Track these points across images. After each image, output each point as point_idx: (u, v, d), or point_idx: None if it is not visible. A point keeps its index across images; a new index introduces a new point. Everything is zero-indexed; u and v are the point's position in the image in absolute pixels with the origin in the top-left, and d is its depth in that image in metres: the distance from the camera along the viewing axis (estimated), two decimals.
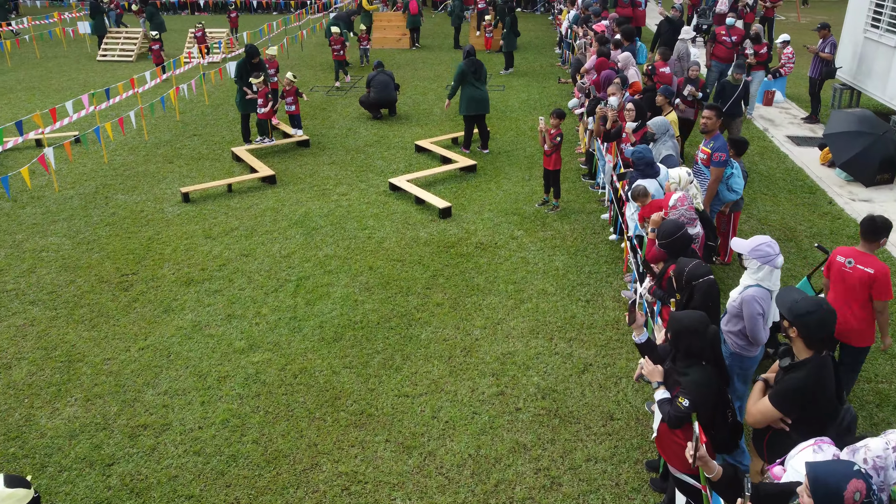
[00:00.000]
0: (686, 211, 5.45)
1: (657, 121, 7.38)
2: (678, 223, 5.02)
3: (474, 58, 11.37)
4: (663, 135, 7.40)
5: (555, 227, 9.10)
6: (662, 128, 7.37)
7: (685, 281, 4.25)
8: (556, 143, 9.08)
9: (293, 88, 12.17)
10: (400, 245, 8.64)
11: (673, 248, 5.05)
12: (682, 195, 5.49)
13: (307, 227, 9.13)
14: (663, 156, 7.30)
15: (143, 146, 12.47)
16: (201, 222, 9.35)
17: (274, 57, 12.87)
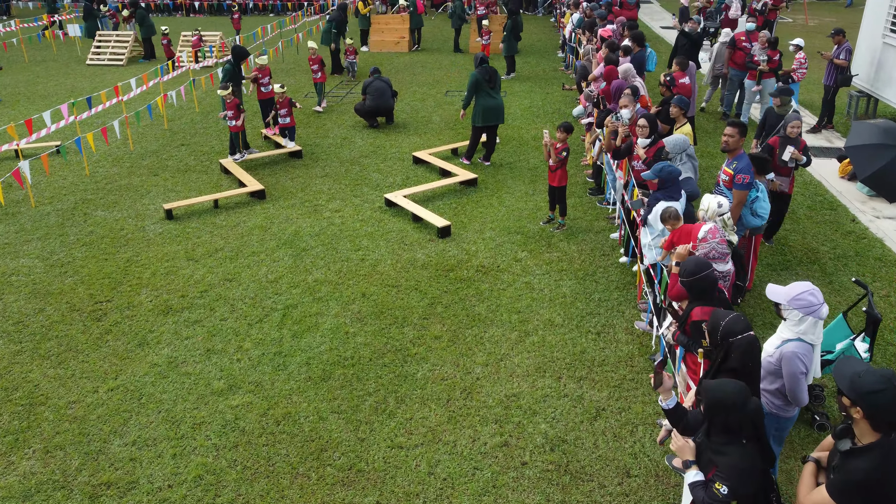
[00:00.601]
0: (717, 244, 4.87)
1: (674, 139, 6.81)
2: (703, 262, 4.45)
3: (488, 65, 10.84)
4: (680, 154, 6.82)
5: (561, 247, 8.52)
6: (679, 146, 6.79)
7: (720, 337, 3.68)
8: (562, 158, 8.50)
9: (286, 99, 11.61)
10: (395, 268, 8.07)
11: (696, 288, 4.48)
12: (713, 227, 4.90)
13: (296, 248, 8.55)
14: (682, 177, 6.71)
15: (128, 157, 11.90)
16: (184, 242, 8.77)
17: (265, 65, 12.32)
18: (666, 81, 8.83)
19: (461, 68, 18.17)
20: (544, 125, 13.21)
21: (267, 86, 12.18)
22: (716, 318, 3.74)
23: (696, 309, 4.48)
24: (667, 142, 6.80)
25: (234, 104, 10.99)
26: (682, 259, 5.11)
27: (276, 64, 18.89)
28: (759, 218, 6.66)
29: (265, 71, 12.19)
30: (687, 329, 4.60)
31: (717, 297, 4.50)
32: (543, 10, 28.17)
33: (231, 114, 11.03)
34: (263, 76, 12.15)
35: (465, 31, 21.55)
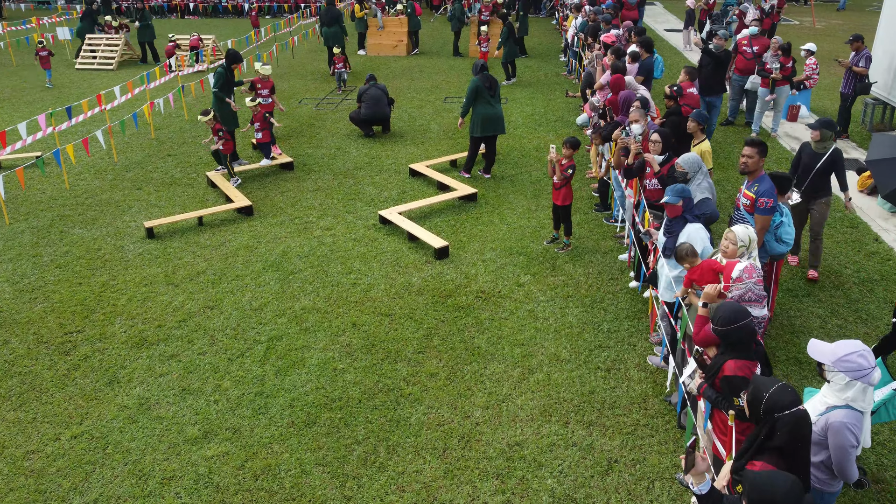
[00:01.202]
0: (754, 285, 4.32)
1: (689, 158, 6.26)
2: (741, 310, 3.91)
3: (488, 73, 10.30)
4: (696, 173, 6.28)
5: (566, 270, 7.98)
6: (695, 165, 6.25)
7: (764, 412, 3.14)
8: (568, 175, 7.96)
9: (260, 112, 10.85)
10: (389, 294, 7.52)
11: (732, 338, 3.94)
12: (749, 265, 4.35)
13: (284, 272, 8.01)
14: (698, 199, 6.17)
15: (112, 169, 11.35)
16: (164, 264, 8.23)
17: (268, 77, 11.58)
18: (672, 92, 8.29)
19: (460, 73, 17.64)
20: (547, 134, 12.68)
21: (267, 98, 11.47)
22: (758, 387, 3.20)
23: (730, 362, 3.94)
24: (683, 161, 6.26)
25: (215, 129, 10.34)
26: (711, 300, 4.57)
27: None
28: (784, 244, 6.11)
29: (267, 83, 11.46)
30: (717, 383, 4.06)
31: (753, 349, 3.97)
32: (546, 11, 27.62)
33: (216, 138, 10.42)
34: (263, 87, 11.47)
35: (465, 34, 21.00)
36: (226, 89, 10.85)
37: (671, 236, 5.86)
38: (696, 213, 5.68)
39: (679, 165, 6.24)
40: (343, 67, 16.02)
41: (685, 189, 5.60)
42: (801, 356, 6.35)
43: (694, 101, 8.46)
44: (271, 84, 11.56)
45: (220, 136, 10.38)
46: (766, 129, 12.81)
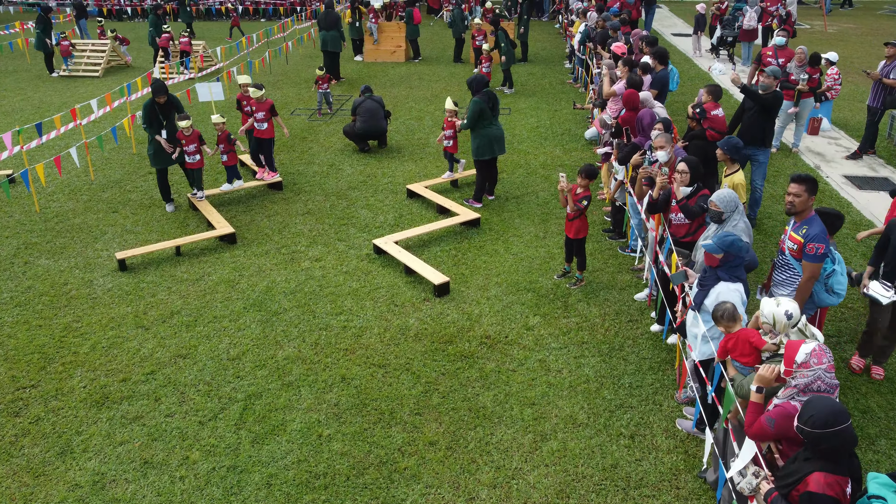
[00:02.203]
0: (825, 373, 3.53)
1: (725, 196, 5.47)
2: (841, 411, 3.14)
3: (490, 90, 9.50)
4: (732, 213, 5.50)
5: (579, 309, 7.20)
6: (732, 204, 5.47)
7: None
8: (582, 207, 7.19)
9: (225, 133, 9.65)
10: (383, 340, 6.74)
11: (824, 446, 3.16)
12: (818, 347, 3.55)
13: (267, 312, 7.22)
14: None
15: (87, 188, 10.57)
16: (135, 302, 7.44)
17: (262, 97, 10.17)
18: (695, 114, 7.51)
19: (461, 81, 16.85)
20: (554, 149, 11.90)
21: (262, 122, 10.15)
22: None
23: (818, 475, 3.15)
24: (718, 198, 5.47)
25: (195, 136, 9.34)
26: (766, 385, 3.79)
27: (262, 76, 17.58)
28: (835, 295, 5.34)
29: (263, 104, 10.11)
30: (794, 496, 3.27)
31: (847, 460, 3.19)
32: (548, 14, 26.85)
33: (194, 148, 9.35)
34: (259, 110, 10.10)
35: (466, 40, 20.21)
36: (155, 125, 9.27)
37: (702, 290, 5.09)
38: (735, 273, 4.89)
39: (714, 204, 5.46)
40: (327, 88, 14.38)
41: (735, 243, 4.81)
42: None
43: (719, 123, 7.68)
44: (269, 105, 10.13)
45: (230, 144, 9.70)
46: (786, 144, 12.04)
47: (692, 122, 7.60)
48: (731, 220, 5.53)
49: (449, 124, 10.22)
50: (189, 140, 9.27)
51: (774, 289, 5.63)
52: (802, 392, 3.58)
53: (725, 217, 5.53)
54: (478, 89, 9.37)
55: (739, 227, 5.53)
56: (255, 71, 17.70)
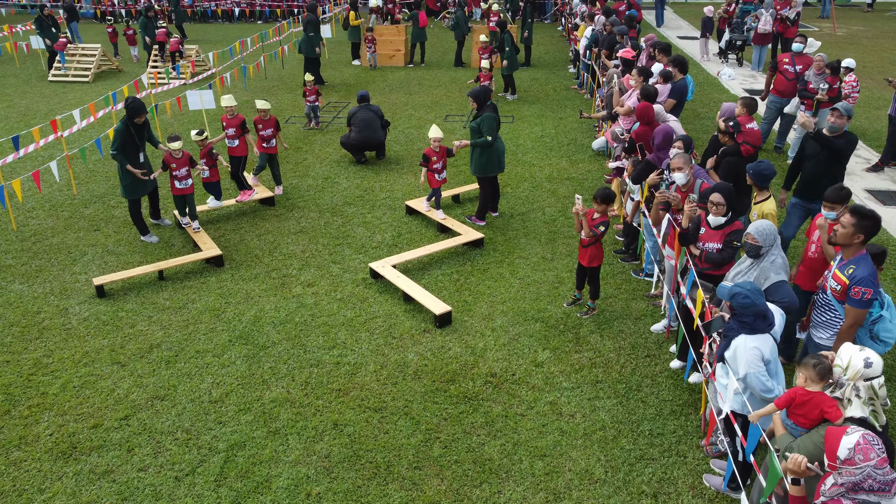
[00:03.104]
0: (875, 470, 2.97)
1: (764, 228, 4.92)
2: None
3: (493, 102, 8.96)
4: (770, 248, 4.95)
5: (592, 342, 6.65)
6: (771, 237, 4.92)
7: None
8: (598, 233, 6.64)
9: (207, 147, 8.86)
10: (379, 378, 6.19)
11: None
12: (861, 439, 2.96)
13: (254, 345, 6.67)
14: (772, 282, 4.86)
15: (69, 204, 10.02)
16: (112, 334, 6.89)
17: (268, 112, 9.65)
18: (729, 128, 6.96)
19: (463, 86, 16.30)
20: (560, 160, 11.36)
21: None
22: None
23: None
24: (756, 231, 4.92)
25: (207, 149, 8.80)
26: (800, 476, 3.26)
27: (257, 81, 17.03)
28: (881, 344, 4.80)
29: (269, 121, 9.65)
30: None
31: None
32: (550, 17, 26.30)
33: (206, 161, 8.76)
34: (265, 128, 9.64)
35: (468, 43, 19.65)
36: (129, 150, 8.26)
37: (725, 339, 4.55)
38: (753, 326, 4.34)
39: (751, 237, 4.91)
40: (316, 100, 13.14)
41: (744, 304, 4.27)
42: None
43: (754, 137, 7.13)
44: (240, 121, 9.39)
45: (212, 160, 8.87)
46: None
47: (724, 137, 7.04)
48: (769, 255, 4.99)
49: (439, 155, 8.82)
50: (180, 163, 8.41)
51: (813, 330, 5.09)
52: (852, 491, 3.02)
53: (764, 251, 4.99)
54: (485, 101, 8.78)
55: (777, 262, 4.99)
56: (250, 76, 17.16)
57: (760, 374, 4.27)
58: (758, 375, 4.27)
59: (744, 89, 15.78)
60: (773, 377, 4.40)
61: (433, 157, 8.77)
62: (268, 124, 9.70)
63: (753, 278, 4.99)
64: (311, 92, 13.02)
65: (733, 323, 4.43)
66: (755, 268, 5.03)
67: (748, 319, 4.28)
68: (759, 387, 4.29)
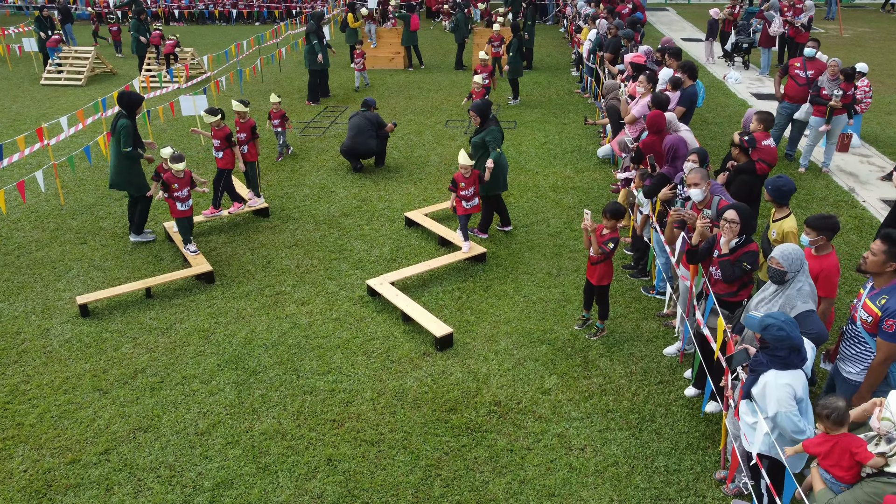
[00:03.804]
0: None
1: (790, 252, 4.56)
2: None
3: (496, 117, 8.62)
4: (797, 274, 4.59)
5: (602, 367, 6.30)
6: (797, 262, 4.57)
7: None
8: (608, 250, 6.28)
9: (187, 174, 7.95)
10: (377, 407, 5.83)
11: None
12: None
13: (244, 370, 6.32)
14: (799, 311, 4.50)
15: (56, 215, 9.66)
16: (95, 357, 6.54)
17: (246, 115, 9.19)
18: (744, 142, 6.60)
19: (464, 90, 15.95)
20: (564, 168, 11.00)
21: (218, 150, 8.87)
22: None
23: None
24: (782, 255, 4.56)
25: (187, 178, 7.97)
26: None
27: (253, 85, 16.68)
28: None
29: (246, 125, 9.11)
30: None
31: None
32: (552, 18, 25.94)
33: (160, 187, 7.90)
34: (240, 131, 9.17)
35: (469, 45, 19.29)
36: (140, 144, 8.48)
37: (753, 375, 4.19)
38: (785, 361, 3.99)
39: (776, 261, 4.55)
40: (281, 126, 11.09)
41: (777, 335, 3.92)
42: None
43: (770, 155, 6.77)
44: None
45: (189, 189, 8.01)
46: (815, 163, 11.13)
47: (737, 151, 6.68)
48: (795, 281, 4.63)
49: (469, 181, 7.98)
50: (182, 183, 7.89)
51: (841, 363, 4.73)
52: None
53: (789, 277, 4.63)
54: (488, 115, 8.38)
55: (804, 290, 4.63)
56: (246, 80, 16.80)
57: (792, 413, 3.92)
58: (789, 415, 3.92)
59: (750, 93, 15.43)
60: (804, 415, 4.06)
61: (461, 183, 7.94)
62: (243, 128, 9.16)
63: (778, 307, 4.63)
64: (275, 115, 11.01)
65: (762, 357, 4.07)
66: (780, 295, 4.68)
67: (782, 353, 3.93)
68: (791, 427, 3.94)
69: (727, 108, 14.23)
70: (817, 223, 5.17)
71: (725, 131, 12.70)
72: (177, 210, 8.00)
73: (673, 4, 30.16)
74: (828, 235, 5.19)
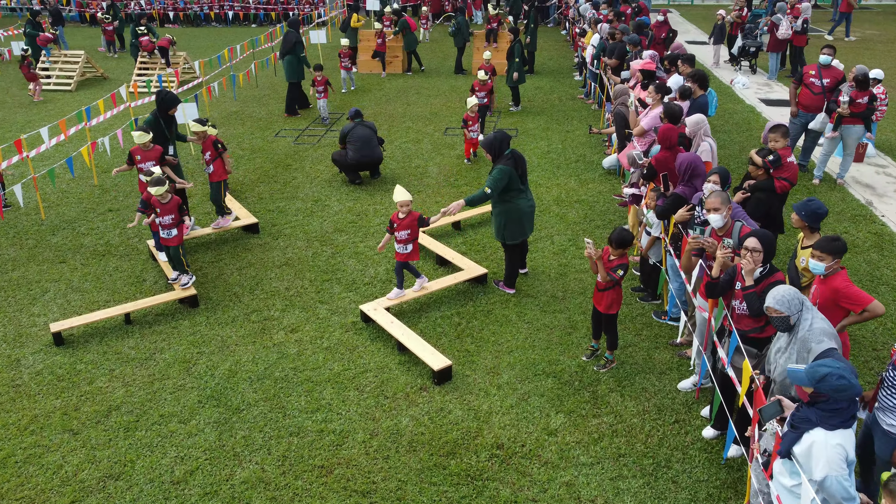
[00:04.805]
0: None
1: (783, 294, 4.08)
2: None
3: (515, 150, 7.14)
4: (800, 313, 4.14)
5: (612, 404, 5.84)
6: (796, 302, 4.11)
7: None
8: (617, 277, 5.83)
9: (174, 202, 7.18)
10: (369, 451, 5.38)
11: None
12: None
13: (226, 408, 5.86)
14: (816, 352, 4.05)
15: (36, 230, 9.20)
16: (67, 392, 6.08)
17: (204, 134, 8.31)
18: (767, 161, 6.14)
19: (464, 95, 15.47)
20: (568, 179, 10.54)
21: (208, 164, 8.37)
22: None
23: None
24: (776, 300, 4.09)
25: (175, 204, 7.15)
26: None
27: (247, 90, 16.22)
28: None
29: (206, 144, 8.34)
30: None
31: None
32: (554, 20, 25.47)
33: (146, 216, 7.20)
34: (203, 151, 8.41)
35: (469, 49, 18.83)
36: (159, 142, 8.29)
37: (794, 431, 3.73)
38: (836, 419, 3.53)
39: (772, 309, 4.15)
40: (212, 157, 8.45)
41: (830, 381, 3.46)
42: None
43: (793, 174, 6.31)
44: (211, 142, 8.34)
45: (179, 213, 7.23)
46: (830, 175, 10.68)
47: (755, 169, 6.22)
48: (802, 321, 4.19)
49: (404, 223, 6.76)
50: (165, 209, 7.10)
51: (880, 413, 4.28)
52: None
53: (794, 321, 4.19)
54: (502, 151, 7.05)
55: (816, 327, 4.19)
56: (240, 85, 16.33)
57: (843, 478, 3.48)
58: (840, 480, 3.47)
59: (759, 98, 14.98)
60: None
61: (395, 223, 6.81)
62: (205, 146, 8.37)
63: (795, 354, 4.19)
64: (205, 147, 8.40)
65: (810, 413, 3.61)
66: (794, 341, 4.23)
67: (842, 406, 3.48)
68: (841, 494, 3.49)
69: (735, 114, 13.78)
70: (830, 247, 4.81)
71: (734, 139, 12.25)
72: (160, 237, 7.36)
73: (676, 6, 29.71)
74: (839, 258, 4.85)
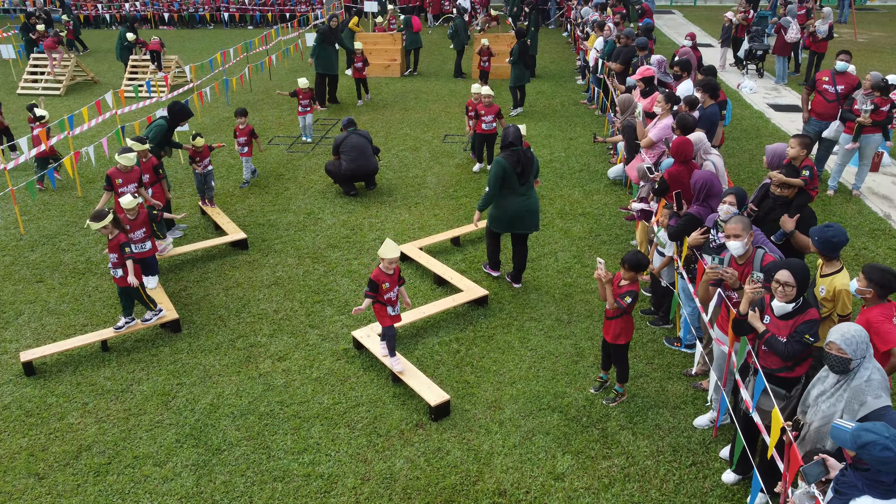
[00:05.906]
0: None
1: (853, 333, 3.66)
2: None
3: (519, 147, 7.03)
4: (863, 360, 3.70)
5: (623, 443, 5.40)
6: (863, 346, 3.68)
7: None
8: (625, 305, 5.39)
9: (142, 214, 6.99)
10: (359, 499, 4.93)
11: None
12: None
13: (206, 448, 5.42)
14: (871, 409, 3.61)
15: (13, 246, 8.77)
16: (36, 429, 5.64)
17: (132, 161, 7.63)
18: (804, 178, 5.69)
19: (464, 99, 15.04)
20: (572, 190, 10.11)
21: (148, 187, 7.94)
22: None
23: None
24: (843, 339, 3.67)
25: (116, 243, 6.36)
26: None
27: (241, 95, 15.78)
28: None
29: (147, 165, 7.91)
30: None
31: None
32: (555, 22, 25.02)
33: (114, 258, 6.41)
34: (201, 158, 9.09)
35: (468, 52, 18.40)
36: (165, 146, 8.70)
37: (839, 498, 3.29)
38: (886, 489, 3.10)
39: (836, 347, 3.67)
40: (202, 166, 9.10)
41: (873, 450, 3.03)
42: None
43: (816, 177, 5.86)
44: (151, 165, 8.01)
45: None
46: (845, 185, 10.24)
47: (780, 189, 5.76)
48: (861, 369, 3.74)
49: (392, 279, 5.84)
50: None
51: None
52: None
53: (854, 366, 3.74)
54: (508, 142, 7.04)
55: (874, 380, 3.74)
56: (233, 90, 15.89)
57: None
58: None
59: (767, 103, 14.54)
60: None
61: (384, 283, 5.78)
62: (145, 168, 7.87)
63: (844, 402, 3.75)
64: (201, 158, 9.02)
65: (856, 478, 3.18)
66: (844, 387, 3.79)
67: (886, 479, 3.05)
68: None
69: (743, 120, 13.34)
70: (876, 276, 4.38)
71: (743, 147, 11.81)
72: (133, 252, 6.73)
73: (679, 7, 29.27)
74: (879, 292, 4.39)
